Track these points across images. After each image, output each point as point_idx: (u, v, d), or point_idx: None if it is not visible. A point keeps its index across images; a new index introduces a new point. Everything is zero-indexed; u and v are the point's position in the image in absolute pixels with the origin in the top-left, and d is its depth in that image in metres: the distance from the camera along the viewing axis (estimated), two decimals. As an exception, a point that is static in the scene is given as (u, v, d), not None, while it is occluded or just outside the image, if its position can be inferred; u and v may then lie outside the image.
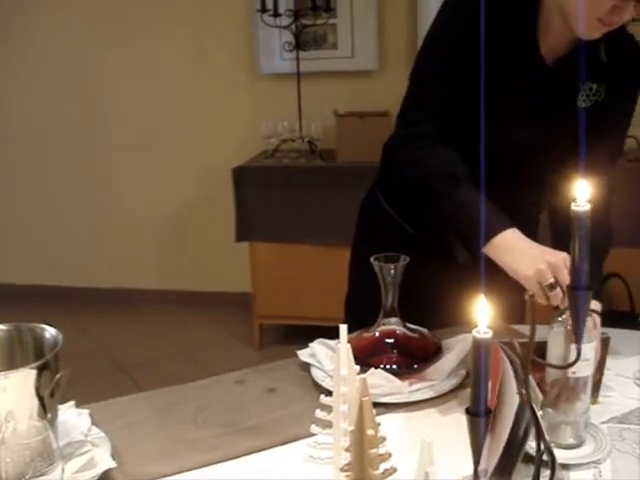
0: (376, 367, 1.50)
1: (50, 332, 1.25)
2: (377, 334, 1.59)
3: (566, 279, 1.34)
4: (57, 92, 4.40)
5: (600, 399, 1.45)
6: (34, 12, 4.29)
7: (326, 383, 1.48)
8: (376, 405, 1.34)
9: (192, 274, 4.47)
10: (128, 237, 4.53)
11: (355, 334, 1.58)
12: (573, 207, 1.00)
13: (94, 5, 4.25)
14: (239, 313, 4.10)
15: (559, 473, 1.09)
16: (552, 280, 1.39)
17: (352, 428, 0.98)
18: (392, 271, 1.53)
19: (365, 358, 1.50)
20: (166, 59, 4.27)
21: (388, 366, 1.52)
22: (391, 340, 1.59)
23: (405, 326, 1.59)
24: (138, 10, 4.23)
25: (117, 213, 4.51)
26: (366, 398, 0.95)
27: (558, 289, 1.38)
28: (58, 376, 1.19)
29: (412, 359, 1.55)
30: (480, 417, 0.94)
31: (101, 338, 4.06)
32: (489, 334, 0.93)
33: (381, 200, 1.91)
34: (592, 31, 1.52)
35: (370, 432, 0.95)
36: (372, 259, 1.55)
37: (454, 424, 1.35)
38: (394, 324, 1.59)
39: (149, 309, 4.38)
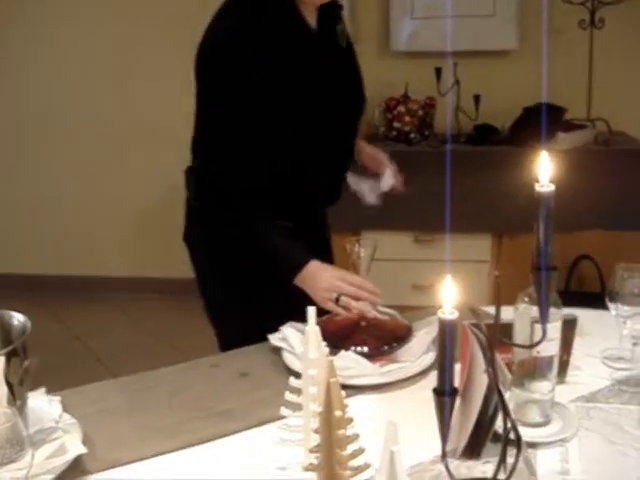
0: (347, 349, 1.51)
1: (18, 319, 1.25)
2: (348, 317, 1.61)
3: (354, 283, 1.59)
4: (35, 80, 4.35)
5: (568, 379, 1.47)
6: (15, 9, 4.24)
7: (297, 366, 1.48)
8: (347, 387, 1.35)
9: (169, 261, 4.44)
10: (104, 224, 4.49)
11: (326, 317, 1.59)
12: (537, 188, 1.01)
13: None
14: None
15: (525, 451, 1.10)
16: (335, 295, 1.60)
17: (320, 410, 0.99)
18: (362, 253, 1.55)
19: (336, 341, 1.52)
20: (147, 47, 4.21)
21: (359, 348, 1.53)
22: (362, 323, 1.60)
23: (376, 309, 1.61)
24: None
25: (93, 200, 4.46)
26: (333, 380, 0.96)
27: (345, 298, 1.59)
28: (27, 363, 1.19)
29: (382, 341, 1.56)
30: (446, 396, 0.95)
31: (77, 327, 4.02)
32: (455, 315, 0.94)
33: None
34: None
35: (338, 413, 0.96)
36: (345, 242, 1.58)
37: (424, 405, 1.35)
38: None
39: (126, 297, 4.34)
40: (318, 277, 1.65)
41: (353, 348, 1.52)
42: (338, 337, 1.55)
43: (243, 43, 1.65)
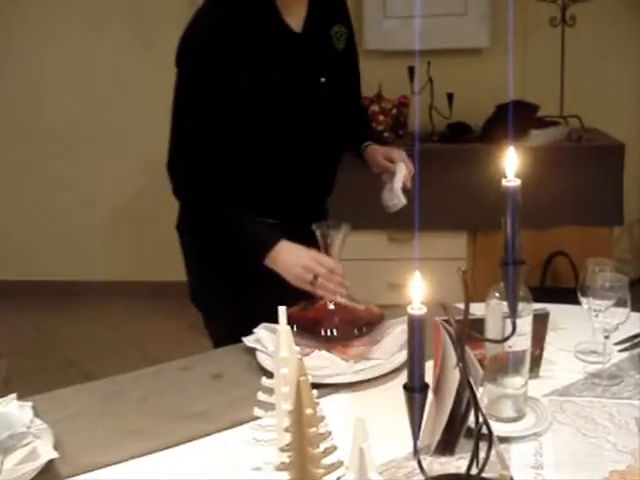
0: (318, 334, 1.53)
1: (-15, 324, 1.23)
2: (321, 303, 1.62)
3: (326, 265, 1.60)
4: (35, 80, 4.32)
5: (541, 373, 1.48)
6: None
7: (270, 366, 1.48)
8: (321, 386, 1.35)
9: (146, 264, 4.41)
10: (77, 228, 4.46)
11: (297, 307, 1.60)
12: (503, 182, 1.01)
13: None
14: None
15: (497, 446, 1.10)
16: (310, 276, 1.60)
17: (291, 408, 0.99)
18: (334, 238, 1.57)
19: (308, 326, 1.53)
20: (116, 43, 4.19)
21: (329, 332, 1.53)
22: (332, 306, 1.61)
23: (349, 296, 1.62)
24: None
25: (65, 203, 4.43)
26: (303, 378, 0.95)
27: (320, 279, 1.59)
28: (-5, 368, 1.18)
29: (353, 326, 1.57)
30: (416, 392, 0.95)
31: (52, 332, 3.98)
32: (423, 310, 0.94)
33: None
34: None
35: (308, 411, 0.95)
36: (314, 226, 1.59)
37: (398, 402, 1.36)
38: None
39: (102, 302, 4.29)
40: (289, 256, 1.65)
41: (324, 332, 1.53)
42: (310, 323, 1.57)
43: (218, 39, 1.66)
